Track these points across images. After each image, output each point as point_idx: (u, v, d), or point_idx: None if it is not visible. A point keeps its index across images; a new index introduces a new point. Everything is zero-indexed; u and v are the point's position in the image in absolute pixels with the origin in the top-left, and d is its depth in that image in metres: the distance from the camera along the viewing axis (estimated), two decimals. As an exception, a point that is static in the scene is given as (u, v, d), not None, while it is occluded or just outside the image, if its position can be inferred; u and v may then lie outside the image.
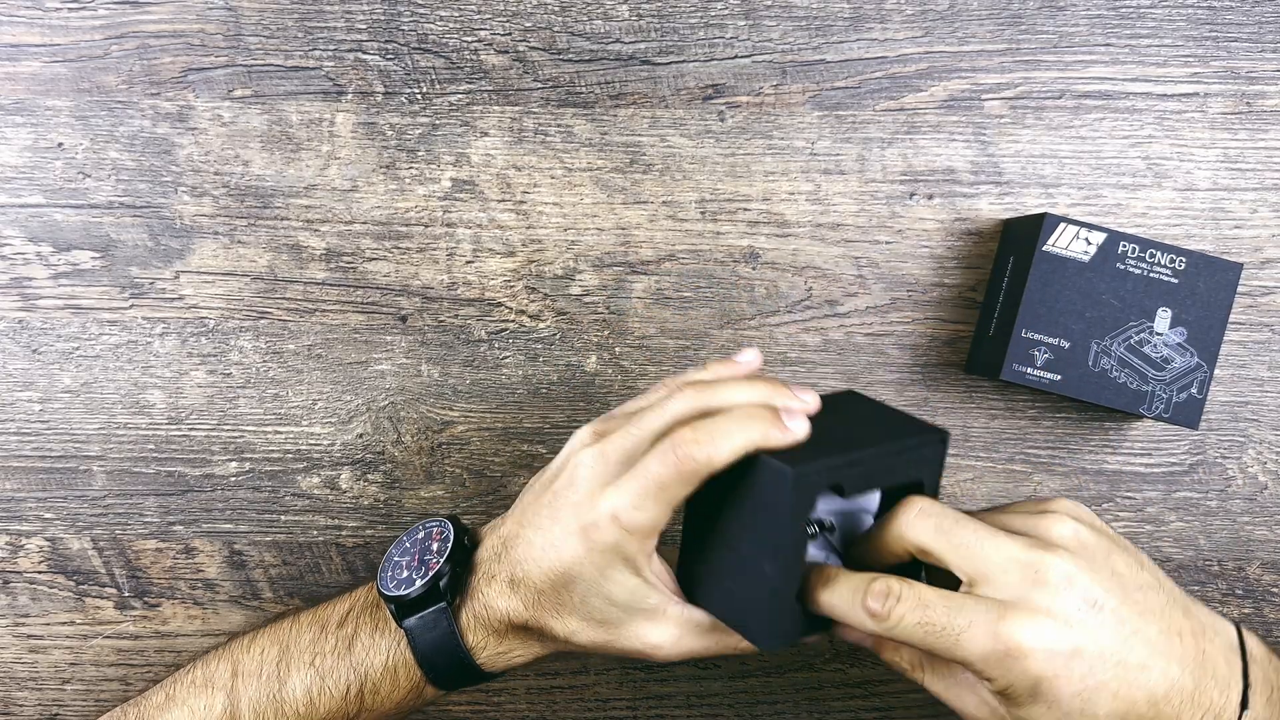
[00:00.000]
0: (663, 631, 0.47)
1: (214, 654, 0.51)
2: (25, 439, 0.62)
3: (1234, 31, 0.60)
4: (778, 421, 0.44)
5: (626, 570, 0.45)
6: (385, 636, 0.49)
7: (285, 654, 0.49)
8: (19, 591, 0.62)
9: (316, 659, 0.49)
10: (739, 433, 0.43)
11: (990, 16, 0.60)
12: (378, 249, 0.61)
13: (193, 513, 0.62)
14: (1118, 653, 0.41)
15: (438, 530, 0.50)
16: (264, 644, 0.50)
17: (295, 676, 0.49)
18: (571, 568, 0.45)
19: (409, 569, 0.49)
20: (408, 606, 0.48)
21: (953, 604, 0.41)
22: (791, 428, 0.44)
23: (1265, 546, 0.61)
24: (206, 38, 0.60)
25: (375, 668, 0.48)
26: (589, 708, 0.62)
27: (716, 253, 0.61)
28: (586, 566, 0.44)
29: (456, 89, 0.60)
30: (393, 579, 0.49)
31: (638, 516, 0.43)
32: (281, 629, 0.51)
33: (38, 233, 0.61)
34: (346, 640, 0.49)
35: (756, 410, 0.44)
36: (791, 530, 0.43)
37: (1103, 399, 0.55)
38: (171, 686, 0.51)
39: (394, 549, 0.50)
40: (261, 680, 0.49)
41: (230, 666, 0.50)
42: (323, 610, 0.51)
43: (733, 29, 0.60)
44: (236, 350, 0.61)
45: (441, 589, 0.47)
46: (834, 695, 0.62)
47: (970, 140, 0.60)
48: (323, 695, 0.49)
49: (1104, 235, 0.55)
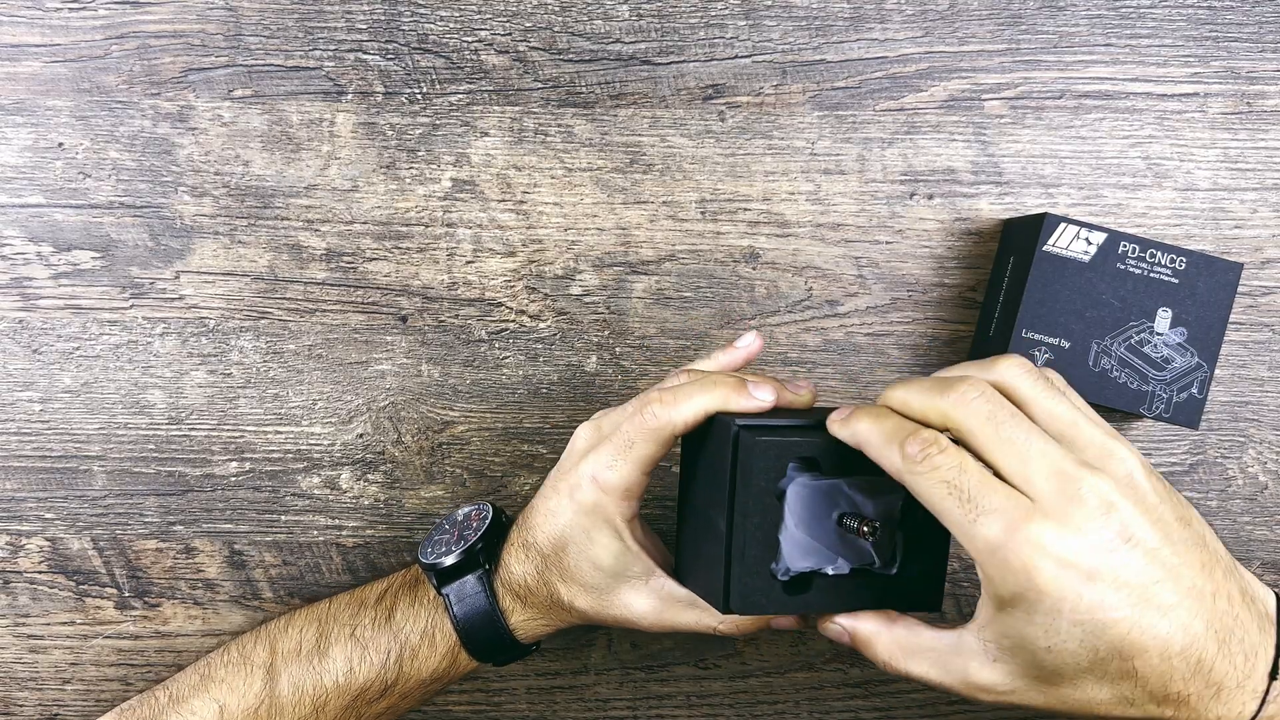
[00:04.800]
0: (645, 602, 0.50)
1: (249, 636, 0.53)
2: (25, 439, 0.62)
3: (1234, 31, 0.60)
4: (741, 387, 0.46)
5: (609, 532, 0.48)
6: (424, 606, 0.51)
7: (324, 629, 0.51)
8: (19, 591, 0.62)
9: (357, 630, 0.51)
10: (700, 394, 0.46)
11: (990, 16, 0.60)
12: (378, 249, 0.61)
13: (193, 513, 0.62)
14: (1139, 591, 0.37)
15: (476, 512, 0.54)
16: (301, 624, 0.52)
17: (335, 648, 0.51)
18: (564, 530, 0.48)
19: (448, 545, 0.52)
20: (446, 574, 0.51)
21: (988, 483, 0.38)
22: (755, 394, 0.46)
23: (1265, 546, 0.61)
24: (207, 38, 0.60)
25: (414, 634, 0.51)
26: (589, 708, 0.62)
27: (717, 253, 0.61)
28: (574, 529, 0.48)
29: (457, 89, 0.60)
30: (433, 550, 0.52)
31: (610, 475, 0.47)
32: (318, 610, 0.53)
33: (38, 233, 0.61)
34: (386, 612, 0.51)
35: (723, 377, 0.47)
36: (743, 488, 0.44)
37: (1103, 399, 0.55)
38: (206, 667, 0.52)
39: (434, 530, 0.54)
40: (301, 656, 0.51)
41: (269, 645, 0.52)
42: (360, 591, 0.54)
43: (733, 29, 0.60)
44: (237, 350, 0.61)
45: (478, 557, 0.51)
46: (834, 695, 0.62)
47: (970, 140, 0.60)
48: (363, 663, 0.50)
49: (1104, 235, 0.55)
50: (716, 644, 0.62)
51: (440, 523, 0.55)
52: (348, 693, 0.50)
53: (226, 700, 0.50)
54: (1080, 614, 0.37)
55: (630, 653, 0.62)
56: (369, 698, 0.51)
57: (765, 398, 0.46)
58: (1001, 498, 0.38)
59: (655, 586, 0.50)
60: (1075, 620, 0.37)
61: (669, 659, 0.62)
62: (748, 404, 0.46)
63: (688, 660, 0.62)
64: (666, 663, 0.62)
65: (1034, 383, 0.41)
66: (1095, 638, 0.37)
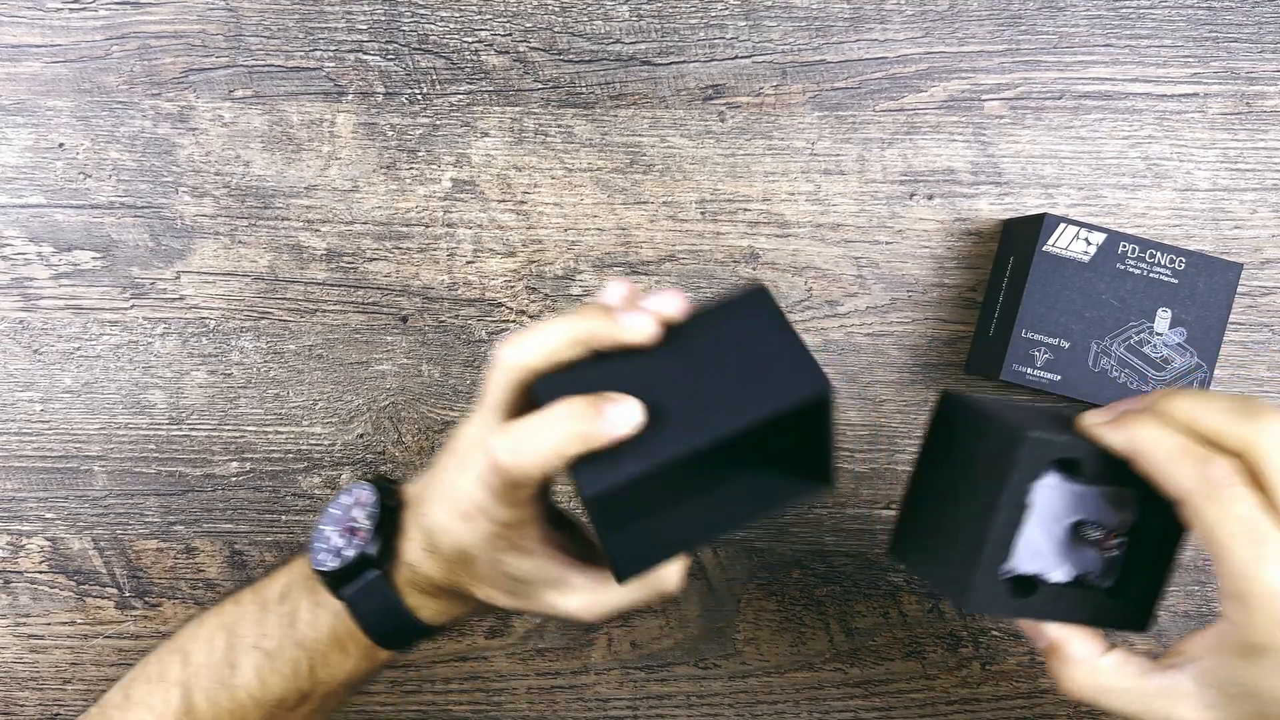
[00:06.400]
0: (573, 600, 0.45)
1: (166, 646, 0.51)
2: (26, 439, 0.62)
3: (1234, 32, 0.60)
4: (597, 419, 0.39)
5: (518, 554, 0.44)
6: (325, 609, 0.48)
7: (231, 638, 0.49)
8: (20, 591, 0.62)
9: (261, 640, 0.48)
10: (551, 443, 0.39)
11: (990, 17, 0.60)
12: (378, 249, 0.61)
13: (193, 513, 0.62)
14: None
15: (361, 495, 0.49)
16: (210, 630, 0.50)
17: (244, 660, 0.48)
18: (467, 549, 0.44)
19: (339, 538, 0.47)
20: (341, 577, 0.47)
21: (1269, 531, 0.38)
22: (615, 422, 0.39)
23: (1265, 546, 0.61)
24: (207, 38, 0.60)
25: (322, 641, 0.48)
26: (589, 708, 0.62)
27: (717, 253, 0.61)
28: (477, 550, 0.44)
29: (457, 89, 0.60)
30: (325, 553, 0.47)
31: (496, 514, 0.42)
32: (225, 615, 0.50)
33: (39, 233, 0.61)
34: (288, 617, 0.48)
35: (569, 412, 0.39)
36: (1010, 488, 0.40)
37: (1103, 399, 0.55)
38: (129, 686, 0.51)
39: (320, 519, 0.49)
40: (212, 669, 0.48)
41: (182, 659, 0.49)
42: (261, 588, 0.50)
43: (733, 29, 0.60)
44: (237, 350, 0.61)
45: (372, 556, 0.46)
46: (834, 695, 0.62)
47: (970, 140, 0.60)
48: (274, 674, 0.48)
49: (1104, 235, 0.55)
50: (716, 643, 0.62)
51: (326, 508, 0.50)
52: (264, 705, 0.48)
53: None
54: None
55: (630, 653, 0.62)
56: (288, 706, 0.49)
57: (625, 424, 0.39)
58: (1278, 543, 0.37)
59: (580, 584, 0.45)
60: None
61: (669, 659, 0.62)
62: (607, 435, 0.39)
63: (688, 660, 0.62)
64: (666, 663, 0.62)
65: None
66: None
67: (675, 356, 0.41)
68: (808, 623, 0.62)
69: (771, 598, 0.62)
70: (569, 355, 0.41)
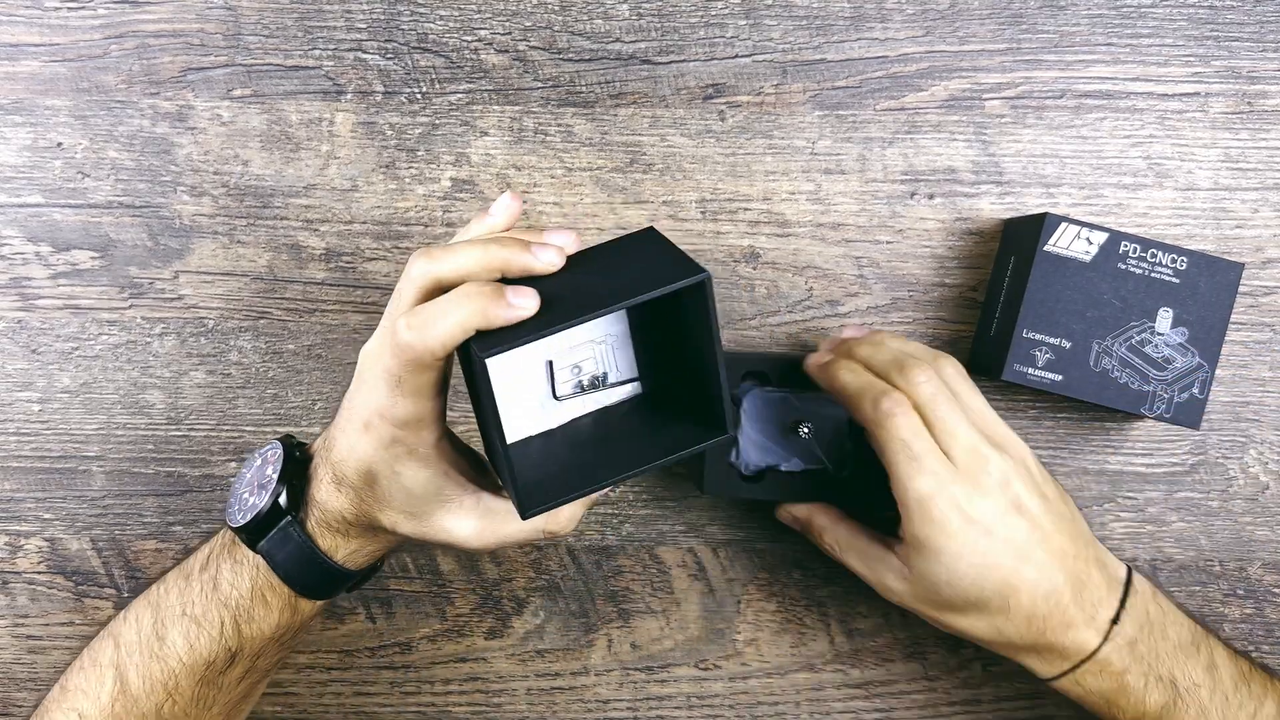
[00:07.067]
0: (464, 524, 0.48)
1: (99, 636, 0.52)
2: (24, 439, 0.61)
3: (1235, 31, 0.60)
4: (498, 298, 0.41)
5: (415, 463, 0.46)
6: (246, 566, 0.50)
7: (158, 613, 0.50)
8: (18, 592, 0.62)
9: (187, 607, 0.50)
10: (455, 312, 0.42)
11: (991, 16, 0.60)
12: (377, 249, 0.61)
13: (192, 513, 0.62)
14: (1020, 549, 0.48)
15: (270, 454, 0.51)
16: (138, 611, 0.51)
17: (172, 629, 0.50)
18: (370, 465, 0.46)
19: (252, 495, 0.49)
20: (256, 531, 0.49)
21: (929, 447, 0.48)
22: (514, 302, 0.41)
23: (1267, 547, 0.61)
24: (206, 37, 0.60)
25: (243, 597, 0.49)
26: (589, 708, 0.62)
27: (717, 252, 0.61)
28: (379, 463, 0.46)
29: (456, 88, 0.60)
30: (239, 510, 0.50)
31: (396, 410, 0.44)
32: (152, 595, 0.52)
33: (37, 232, 0.61)
34: (211, 581, 0.50)
35: (477, 289, 0.42)
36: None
37: (1104, 399, 0.55)
38: (66, 677, 0.52)
39: (235, 483, 0.51)
40: (142, 645, 0.50)
41: (113, 642, 0.51)
42: (185, 564, 0.52)
43: (733, 28, 0.60)
44: (236, 350, 0.61)
45: (282, 505, 0.48)
46: (834, 696, 0.62)
47: (971, 140, 0.60)
48: (201, 637, 0.49)
49: (1105, 235, 0.55)
50: (716, 644, 0.62)
51: (240, 472, 0.52)
52: (195, 670, 0.50)
53: (83, 707, 0.50)
54: (975, 560, 0.48)
55: (630, 653, 0.62)
56: (219, 668, 0.50)
57: (526, 305, 0.41)
58: (936, 461, 0.48)
59: (470, 506, 0.48)
60: (971, 564, 0.48)
61: (669, 660, 0.62)
62: (507, 315, 0.41)
63: (688, 661, 0.62)
64: (666, 663, 0.62)
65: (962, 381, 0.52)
66: (984, 579, 0.48)
67: (573, 273, 0.44)
68: (808, 624, 0.62)
69: (772, 599, 0.62)
70: (479, 277, 0.43)
